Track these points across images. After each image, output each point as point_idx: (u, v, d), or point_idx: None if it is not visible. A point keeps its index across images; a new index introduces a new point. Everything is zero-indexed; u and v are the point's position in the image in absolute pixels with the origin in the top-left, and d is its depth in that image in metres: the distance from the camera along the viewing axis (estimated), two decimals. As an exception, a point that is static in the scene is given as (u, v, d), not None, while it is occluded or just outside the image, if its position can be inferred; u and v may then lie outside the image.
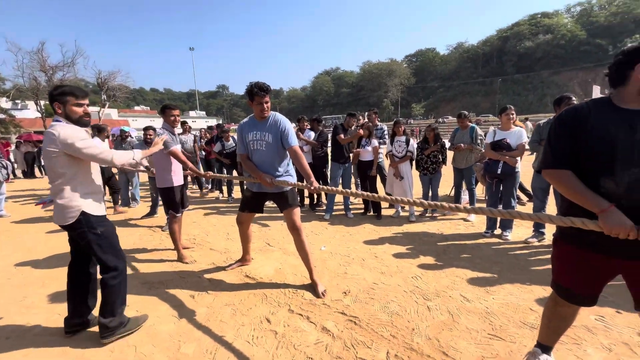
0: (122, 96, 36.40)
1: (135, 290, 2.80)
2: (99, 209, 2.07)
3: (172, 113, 3.31)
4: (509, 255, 3.37)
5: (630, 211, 1.21)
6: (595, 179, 1.27)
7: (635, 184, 1.20)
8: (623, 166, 1.21)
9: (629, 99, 1.27)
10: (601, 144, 1.26)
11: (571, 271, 1.46)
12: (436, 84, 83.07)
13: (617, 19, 64.43)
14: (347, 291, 2.70)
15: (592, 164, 1.29)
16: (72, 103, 1.93)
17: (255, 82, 2.53)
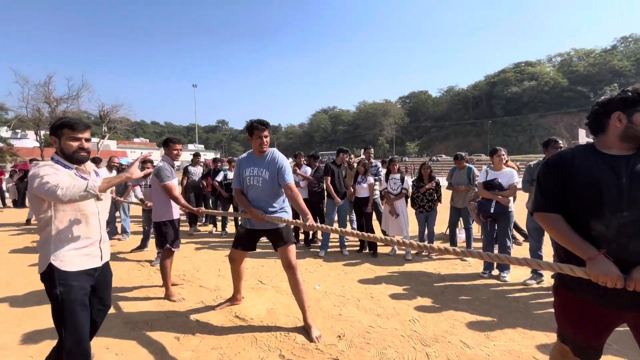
0: (123, 128, 37.10)
1: (117, 331, 2.64)
2: (72, 262, 1.69)
3: (176, 147, 3.37)
4: (508, 298, 3.28)
5: (620, 254, 1.21)
6: (586, 222, 1.29)
7: (625, 227, 1.21)
8: (612, 210, 1.23)
9: (610, 145, 1.32)
10: (587, 188, 1.29)
11: (574, 321, 1.41)
12: (429, 124, 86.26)
13: (595, 69, 69.33)
14: (342, 335, 2.57)
15: (581, 207, 1.31)
16: (68, 136, 1.72)
17: (255, 119, 2.63)
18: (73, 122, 1.74)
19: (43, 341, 2.48)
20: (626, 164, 1.26)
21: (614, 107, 1.30)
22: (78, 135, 1.74)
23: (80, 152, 1.75)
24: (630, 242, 1.21)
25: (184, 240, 5.90)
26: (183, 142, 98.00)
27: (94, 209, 1.81)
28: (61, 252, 1.68)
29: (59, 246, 1.68)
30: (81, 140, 1.75)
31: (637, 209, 1.20)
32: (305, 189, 5.48)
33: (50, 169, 1.65)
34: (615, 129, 1.29)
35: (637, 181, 1.22)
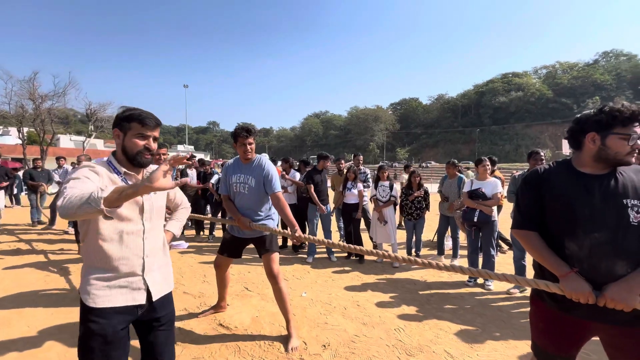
0: (111, 127, 36.30)
1: (95, 340, 2.55)
2: (97, 296, 1.29)
3: (158, 152, 3.27)
4: (492, 307, 3.32)
5: (592, 273, 1.24)
6: (561, 240, 1.31)
7: (596, 248, 1.23)
8: (584, 230, 1.25)
9: (585, 163, 1.34)
10: (562, 206, 1.30)
11: (547, 331, 1.43)
12: (419, 130, 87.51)
13: (578, 82, 71.84)
14: (327, 344, 2.55)
15: (556, 226, 1.33)
16: (135, 132, 1.35)
17: (241, 124, 2.59)
18: (144, 116, 1.36)
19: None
20: (599, 185, 1.27)
21: (590, 128, 1.31)
22: (147, 133, 1.38)
23: (145, 154, 1.38)
24: (602, 262, 1.23)
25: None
26: (172, 143, 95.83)
27: (136, 226, 1.35)
28: (88, 281, 1.31)
29: (87, 273, 1.33)
30: (149, 139, 1.39)
31: (608, 231, 1.22)
32: (294, 194, 5.46)
33: (85, 172, 1.26)
34: (590, 149, 1.31)
35: (608, 202, 1.24)
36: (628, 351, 1.26)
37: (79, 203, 1.03)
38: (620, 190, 1.24)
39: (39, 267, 4.42)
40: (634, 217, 1.21)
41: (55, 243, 5.83)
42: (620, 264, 1.21)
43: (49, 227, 7.19)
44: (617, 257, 1.22)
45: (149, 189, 1.07)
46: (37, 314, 3.02)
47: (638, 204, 1.22)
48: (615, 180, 1.27)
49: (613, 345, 1.31)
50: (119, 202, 1.04)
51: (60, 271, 4.26)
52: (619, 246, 1.21)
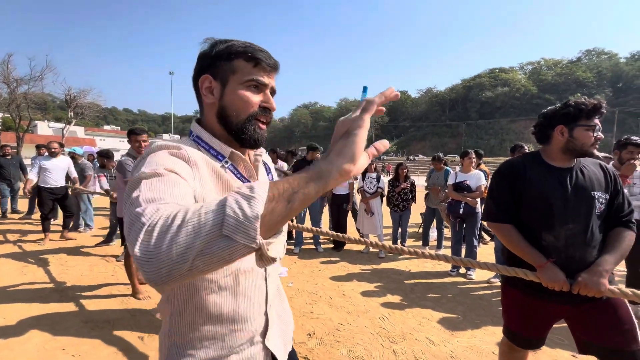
0: (92, 114, 35.03)
1: (75, 331, 2.50)
2: None
3: (138, 139, 3.15)
4: (473, 296, 3.43)
5: (568, 263, 1.31)
6: (538, 233, 1.37)
7: (572, 239, 1.31)
8: (560, 222, 1.32)
9: (554, 157, 1.41)
10: (539, 201, 1.36)
11: (519, 315, 1.52)
12: (407, 123, 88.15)
13: (562, 78, 73.60)
14: (312, 332, 2.58)
15: (533, 219, 1.38)
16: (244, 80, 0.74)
17: None
18: (257, 51, 0.74)
19: None
20: (571, 177, 1.35)
21: (558, 121, 1.38)
22: (264, 80, 0.76)
23: (261, 120, 0.78)
24: (577, 252, 1.32)
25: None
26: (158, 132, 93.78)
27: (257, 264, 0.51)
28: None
29: (176, 354, 0.73)
30: (266, 90, 0.78)
31: (582, 221, 1.31)
32: (281, 185, 5.43)
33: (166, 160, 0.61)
34: (558, 142, 1.38)
35: (579, 195, 1.33)
36: (588, 324, 1.36)
37: (198, 240, 0.42)
38: (588, 183, 1.34)
39: (16, 258, 4.27)
40: (598, 208, 1.32)
41: (34, 233, 5.64)
42: (591, 252, 1.32)
43: (27, 217, 6.93)
44: (589, 245, 1.32)
45: (344, 178, 0.51)
46: (14, 305, 2.93)
47: (602, 196, 1.33)
48: (582, 173, 1.36)
49: (576, 322, 1.41)
50: (286, 219, 0.47)
51: (38, 262, 4.13)
52: (591, 235, 1.32)
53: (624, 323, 1.31)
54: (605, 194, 1.35)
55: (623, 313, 1.32)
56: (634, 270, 2.97)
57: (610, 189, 1.37)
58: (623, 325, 1.31)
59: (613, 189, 1.37)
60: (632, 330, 1.31)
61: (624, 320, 1.31)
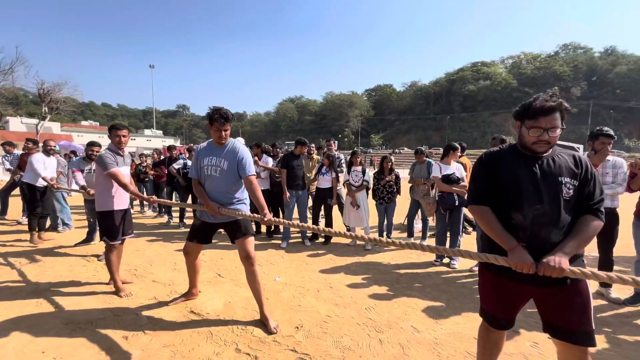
0: (68, 109, 33.62)
1: (55, 333, 2.43)
2: None
3: (118, 134, 3.12)
4: (457, 284, 3.53)
5: (533, 240, 1.42)
6: (508, 212, 1.48)
7: (538, 218, 1.42)
8: (528, 203, 1.43)
9: (524, 147, 1.53)
10: (510, 185, 1.48)
11: (492, 296, 1.63)
12: (393, 117, 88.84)
13: (540, 72, 75.68)
14: (300, 325, 2.60)
15: (505, 200, 1.50)
16: None
17: (219, 108, 2.48)
18: None
19: None
20: (542, 164, 1.46)
21: (516, 116, 1.52)
22: None
23: None
24: (541, 230, 1.42)
25: (138, 231, 5.56)
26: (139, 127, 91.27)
27: None
28: None
29: None
30: None
31: (548, 203, 1.41)
32: (267, 180, 5.40)
33: None
34: (522, 137, 1.51)
35: (547, 180, 1.43)
36: (550, 305, 1.48)
37: None
38: (557, 169, 1.45)
39: (-11, 259, 4.09)
40: (566, 193, 1.42)
41: (7, 234, 5.41)
42: (555, 232, 1.42)
43: (0, 217, 6.64)
44: (553, 226, 1.42)
45: None
46: (-12, 309, 2.81)
47: (570, 182, 1.42)
48: (553, 161, 1.46)
49: (542, 304, 1.52)
50: None
51: (13, 264, 3.97)
52: (555, 217, 1.41)
53: (581, 306, 1.43)
54: (573, 180, 1.44)
55: (582, 297, 1.43)
56: (606, 255, 3.14)
57: (580, 177, 1.45)
58: (579, 308, 1.43)
59: (583, 176, 1.45)
60: (587, 313, 1.42)
61: (581, 304, 1.43)
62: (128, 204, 3.31)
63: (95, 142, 4.50)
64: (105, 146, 3.29)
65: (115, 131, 3.12)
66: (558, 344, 1.49)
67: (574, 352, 1.43)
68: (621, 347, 2.35)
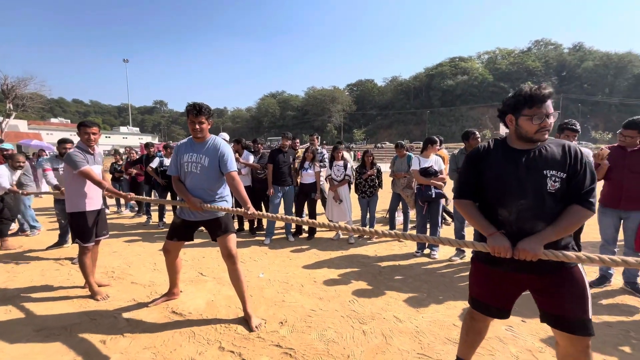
0: (36, 106, 31.77)
1: (26, 341, 2.32)
2: None
3: (87, 131, 2.99)
4: (437, 274, 3.64)
5: (518, 234, 1.43)
6: (495, 208, 1.50)
7: (523, 213, 1.43)
8: (511, 198, 1.44)
9: (514, 141, 1.53)
10: (496, 181, 1.49)
11: (484, 285, 1.65)
12: (375, 112, 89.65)
13: (514, 67, 78.41)
14: (284, 321, 2.60)
15: (491, 196, 1.52)
16: None
17: (193, 102, 2.45)
18: None
19: None
20: (525, 158, 1.45)
21: (507, 110, 1.50)
22: None
23: None
24: (526, 224, 1.43)
25: (115, 233, 5.37)
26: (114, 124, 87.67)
27: None
28: None
29: None
30: None
31: (532, 198, 1.41)
32: (248, 176, 5.33)
33: None
34: (512, 129, 1.51)
35: (531, 173, 1.42)
36: (546, 294, 1.49)
37: None
38: (542, 162, 1.42)
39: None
40: (551, 186, 1.39)
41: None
42: (541, 225, 1.41)
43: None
44: (539, 219, 1.42)
45: None
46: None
47: (556, 174, 1.40)
48: (539, 153, 1.44)
49: (537, 293, 1.53)
50: None
51: (-22, 270, 3.74)
52: (540, 210, 1.41)
53: (577, 294, 1.43)
54: (560, 172, 1.39)
55: (577, 284, 1.44)
56: (575, 241, 3.31)
57: (568, 168, 1.39)
58: (575, 295, 1.43)
59: (571, 167, 1.39)
60: (584, 300, 1.42)
61: (577, 291, 1.43)
62: (101, 204, 3.18)
63: (67, 138, 4.25)
64: (76, 144, 3.14)
65: (84, 128, 2.99)
66: (556, 334, 1.48)
67: (571, 342, 1.42)
68: (587, 326, 2.51)
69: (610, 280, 3.25)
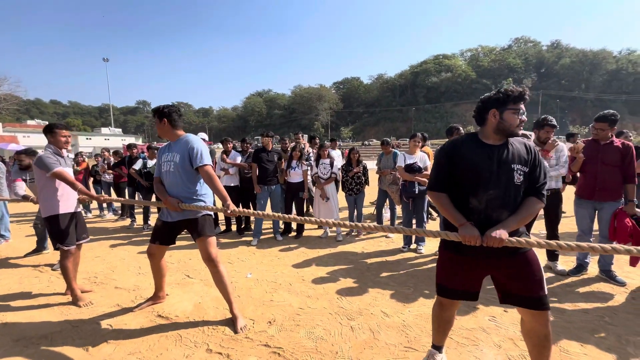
0: (11, 108, 30.47)
1: (4, 352, 2.23)
2: None
3: (63, 134, 2.96)
4: (423, 268, 3.71)
5: (486, 222, 1.57)
6: (466, 197, 1.62)
7: (491, 202, 1.57)
8: (483, 188, 1.57)
9: (488, 136, 1.64)
10: (469, 172, 1.60)
11: (450, 271, 1.77)
12: (361, 109, 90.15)
13: (496, 64, 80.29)
14: (272, 320, 2.60)
15: (463, 186, 1.63)
16: None
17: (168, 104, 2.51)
18: None
19: None
20: (498, 153, 1.59)
21: (491, 105, 1.60)
22: None
23: None
24: (494, 213, 1.57)
25: (97, 237, 5.23)
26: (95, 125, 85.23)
27: None
28: None
29: None
30: None
31: (501, 189, 1.56)
32: (235, 176, 5.28)
33: None
34: (492, 123, 1.61)
35: (502, 167, 1.56)
36: (506, 276, 1.63)
37: None
38: (510, 157, 1.58)
39: None
40: (517, 179, 1.56)
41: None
42: (506, 214, 1.57)
43: None
44: (504, 208, 1.57)
45: None
46: None
47: (521, 169, 1.57)
48: (507, 149, 1.59)
49: (498, 276, 1.67)
50: None
51: (-49, 280, 3.57)
52: (506, 200, 1.56)
53: (533, 274, 1.58)
54: (524, 167, 1.58)
55: (532, 266, 1.59)
56: (552, 232, 3.44)
57: (530, 164, 1.59)
58: (532, 275, 1.58)
59: (532, 163, 1.59)
60: (540, 279, 1.58)
61: (533, 271, 1.59)
62: (76, 206, 3.08)
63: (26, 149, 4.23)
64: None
65: (59, 131, 2.92)
66: (520, 311, 1.64)
67: (534, 317, 1.59)
68: (565, 313, 2.61)
69: (587, 269, 3.39)
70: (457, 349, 2.17)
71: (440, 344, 1.99)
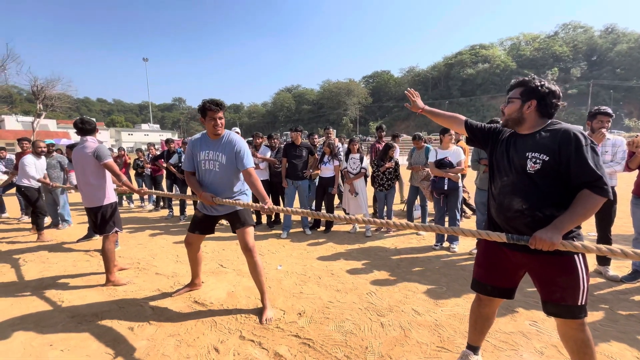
0: (63, 106, 33.28)
1: (62, 327, 2.47)
2: None
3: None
4: (456, 267, 3.57)
5: (499, 207, 1.60)
6: (491, 183, 1.70)
7: (503, 188, 1.59)
8: (500, 175, 1.62)
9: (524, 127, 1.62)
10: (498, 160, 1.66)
11: (484, 264, 1.74)
12: (391, 104, 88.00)
13: (540, 53, 74.57)
14: (302, 312, 2.64)
15: (492, 172, 1.70)
16: None
17: (209, 99, 2.48)
18: None
19: None
20: (521, 142, 1.57)
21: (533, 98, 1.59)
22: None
23: None
24: (505, 199, 1.57)
25: (137, 226, 5.60)
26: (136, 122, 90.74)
27: None
28: None
29: None
30: None
31: (513, 175, 1.54)
32: (266, 170, 5.39)
33: None
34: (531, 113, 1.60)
35: (518, 154, 1.54)
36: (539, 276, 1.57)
37: None
38: (529, 145, 1.51)
39: (-7, 257, 4.12)
40: (530, 167, 1.48)
41: (9, 232, 5.44)
42: (517, 200, 1.52)
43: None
44: (514, 195, 1.53)
45: None
46: (-6, 305, 2.85)
47: (537, 156, 1.47)
48: (532, 138, 1.53)
49: (534, 275, 1.60)
50: None
51: (18, 261, 4.00)
52: (516, 187, 1.53)
53: (565, 281, 1.48)
54: (542, 155, 1.44)
55: (567, 272, 1.48)
56: (604, 234, 3.15)
57: (557, 152, 1.41)
58: (563, 282, 1.48)
59: (562, 152, 1.40)
60: (572, 288, 1.46)
61: (566, 278, 1.48)
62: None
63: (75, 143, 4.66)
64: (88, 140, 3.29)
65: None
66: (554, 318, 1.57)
67: (565, 324, 1.53)
68: (618, 322, 2.39)
69: (644, 276, 3.08)
70: (493, 352, 2.08)
71: (476, 344, 1.91)
